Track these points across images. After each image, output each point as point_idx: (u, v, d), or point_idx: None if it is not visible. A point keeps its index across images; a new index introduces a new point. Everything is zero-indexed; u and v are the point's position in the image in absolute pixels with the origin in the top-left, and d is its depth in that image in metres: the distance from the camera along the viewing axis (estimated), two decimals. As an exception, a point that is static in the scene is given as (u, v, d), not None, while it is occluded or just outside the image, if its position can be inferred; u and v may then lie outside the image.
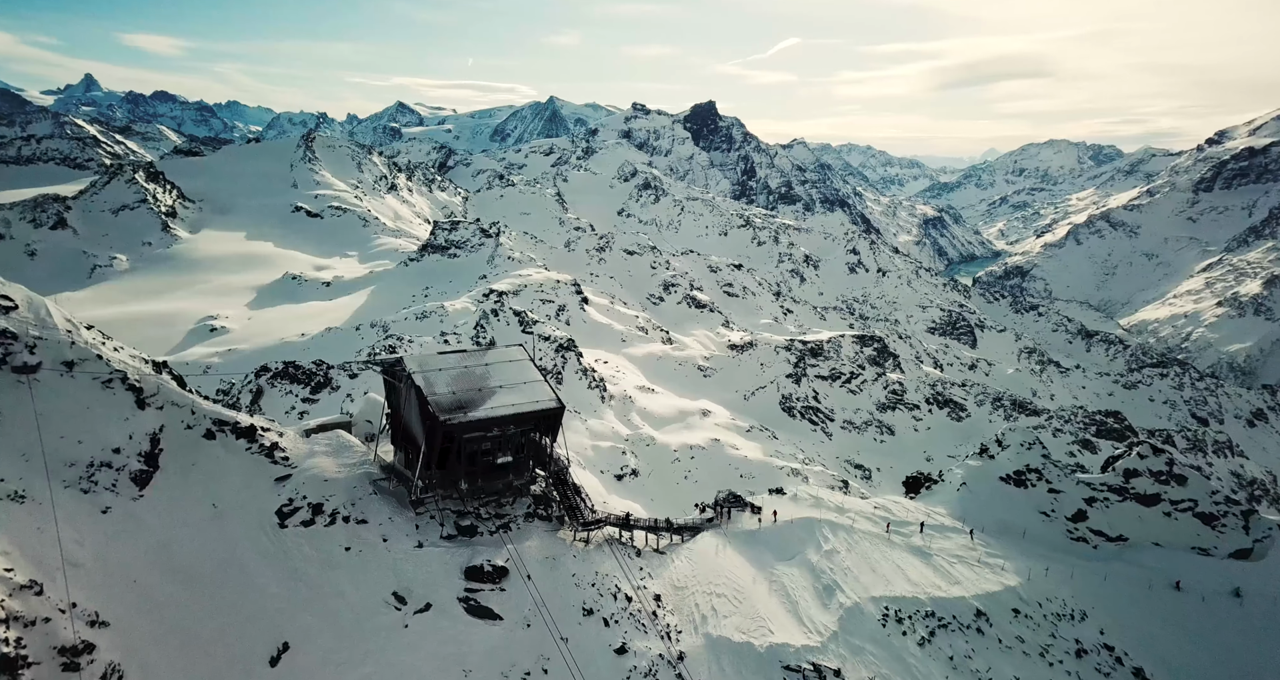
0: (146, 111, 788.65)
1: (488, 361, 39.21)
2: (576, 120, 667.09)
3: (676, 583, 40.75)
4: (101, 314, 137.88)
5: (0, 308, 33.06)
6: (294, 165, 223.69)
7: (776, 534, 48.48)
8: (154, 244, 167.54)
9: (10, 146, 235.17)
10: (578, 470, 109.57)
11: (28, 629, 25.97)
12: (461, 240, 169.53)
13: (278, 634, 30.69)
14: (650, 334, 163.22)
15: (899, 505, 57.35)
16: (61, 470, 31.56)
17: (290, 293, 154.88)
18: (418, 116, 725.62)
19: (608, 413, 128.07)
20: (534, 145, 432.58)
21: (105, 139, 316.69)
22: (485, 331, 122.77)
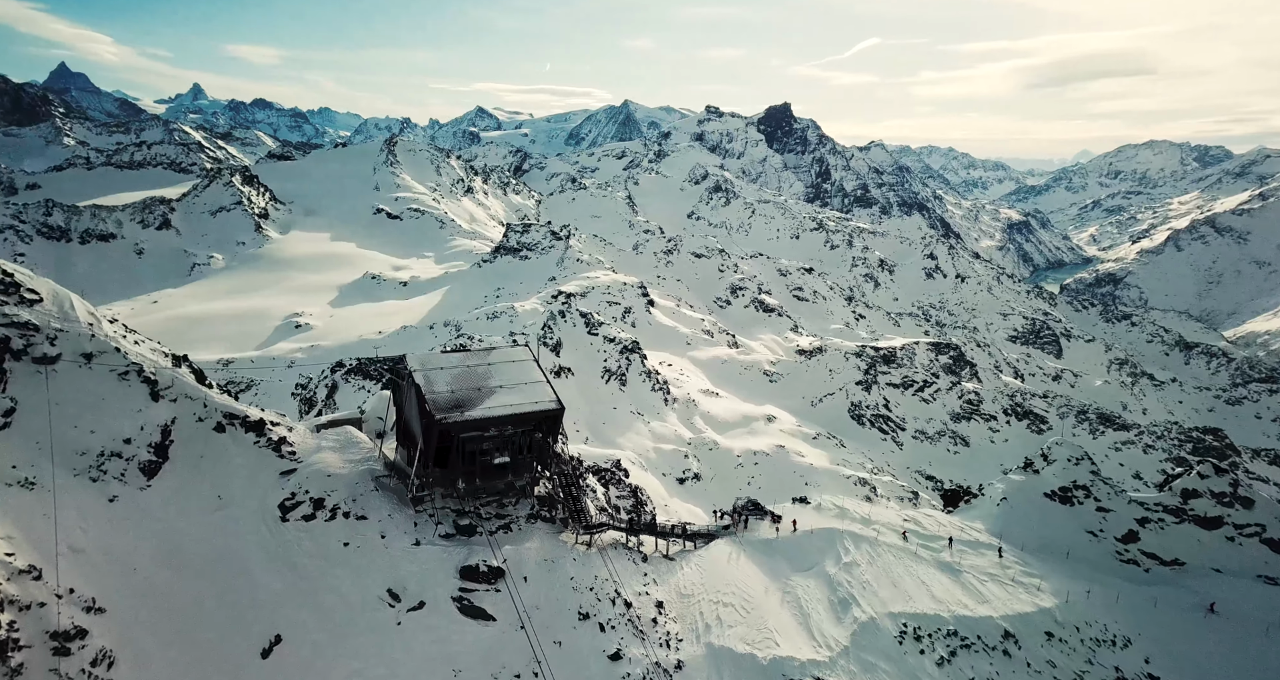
0: (246, 118, 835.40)
1: (490, 361, 39.10)
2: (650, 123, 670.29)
3: (682, 590, 39.89)
4: (199, 310, 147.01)
5: (25, 301, 34.26)
6: (376, 169, 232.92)
7: (795, 544, 47.13)
8: (247, 244, 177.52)
9: (124, 152, 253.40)
10: (639, 472, 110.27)
11: (23, 613, 26.40)
12: (532, 242, 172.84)
13: (271, 626, 30.82)
14: (716, 337, 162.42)
15: (931, 519, 54.86)
16: (73, 459, 32.20)
17: (369, 292, 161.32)
18: (496, 121, 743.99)
19: (671, 415, 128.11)
20: (606, 149, 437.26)
21: (208, 144, 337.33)
22: (552, 332, 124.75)
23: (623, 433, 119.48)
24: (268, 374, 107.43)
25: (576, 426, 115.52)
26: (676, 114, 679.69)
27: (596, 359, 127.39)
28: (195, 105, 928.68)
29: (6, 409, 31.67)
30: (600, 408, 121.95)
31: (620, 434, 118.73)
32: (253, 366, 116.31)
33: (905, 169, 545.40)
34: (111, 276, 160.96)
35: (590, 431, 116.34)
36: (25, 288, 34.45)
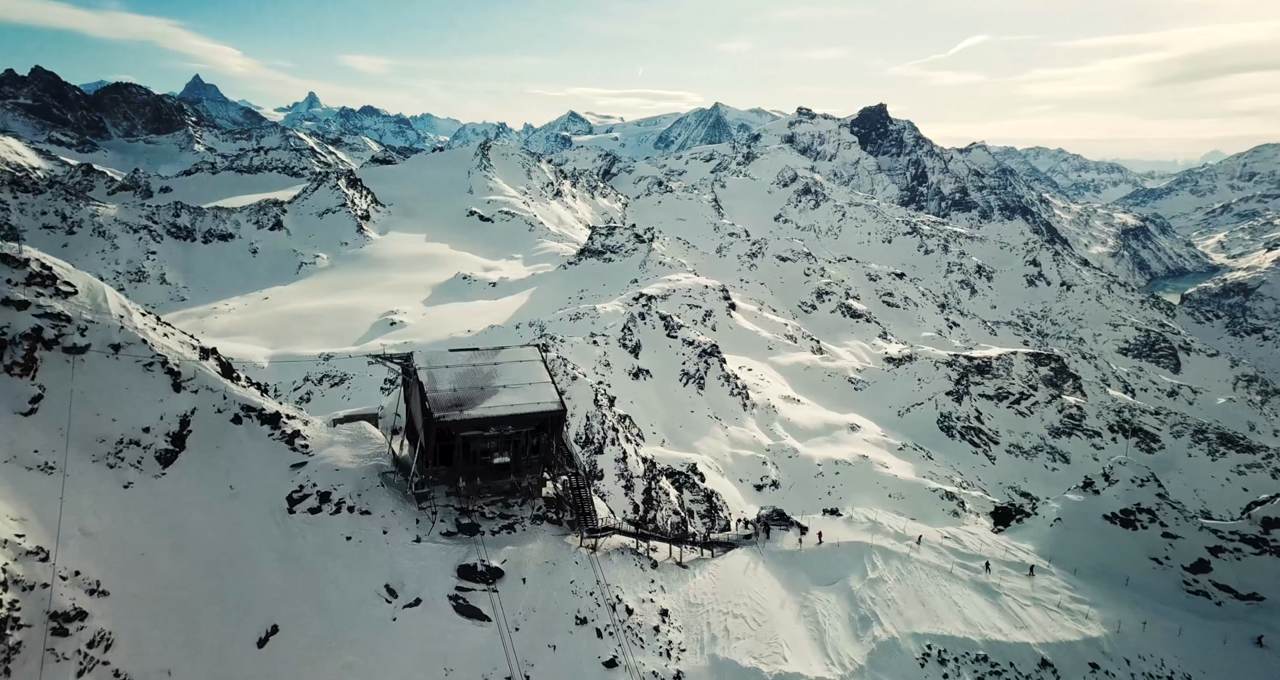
0: (355, 124, 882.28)
1: (497, 361, 38.76)
2: (740, 126, 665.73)
3: (691, 599, 38.80)
4: (304, 306, 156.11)
5: (61, 293, 35.14)
6: (471, 172, 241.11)
7: (819, 557, 45.27)
8: (349, 244, 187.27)
9: (245, 157, 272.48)
10: (715, 477, 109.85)
11: (25, 593, 26.94)
12: (616, 245, 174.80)
13: (269, 616, 31.07)
14: (799, 343, 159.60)
15: (975, 537, 51.38)
16: (93, 445, 32.96)
17: (461, 291, 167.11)
18: (588, 125, 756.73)
19: (749, 421, 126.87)
20: (695, 151, 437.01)
21: (320, 150, 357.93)
22: (631, 334, 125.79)
23: (699, 437, 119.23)
24: (361, 368, 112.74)
25: (653, 429, 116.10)
26: (767, 116, 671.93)
27: (675, 362, 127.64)
28: (310, 113, 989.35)
29: (34, 396, 32.59)
30: (677, 411, 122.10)
31: (697, 438, 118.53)
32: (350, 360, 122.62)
33: (1009, 171, 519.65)
34: (229, 274, 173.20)
35: (667, 434, 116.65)
36: (62, 280, 35.66)
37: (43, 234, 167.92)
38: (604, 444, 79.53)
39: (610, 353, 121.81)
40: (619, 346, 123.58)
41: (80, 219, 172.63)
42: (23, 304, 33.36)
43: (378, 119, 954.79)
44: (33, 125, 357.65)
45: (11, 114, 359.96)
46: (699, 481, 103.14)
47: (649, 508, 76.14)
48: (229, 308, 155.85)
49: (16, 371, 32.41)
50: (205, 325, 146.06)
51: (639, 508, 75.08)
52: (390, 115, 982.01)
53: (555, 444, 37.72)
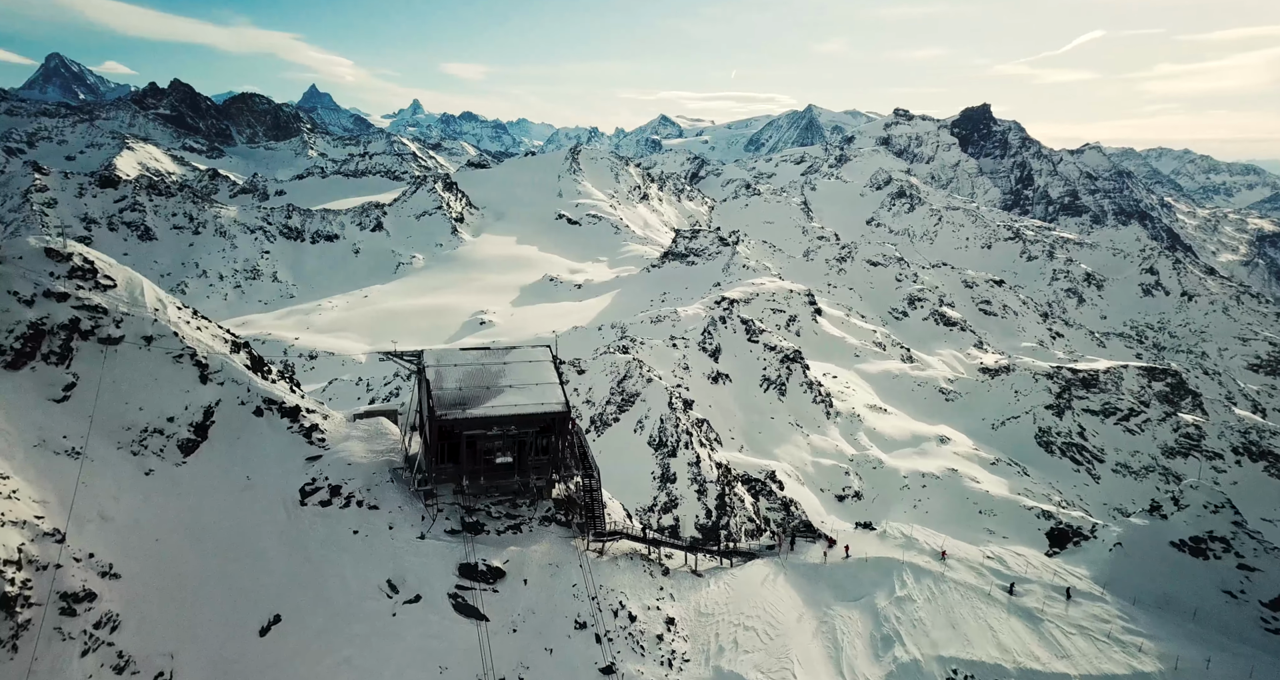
0: (455, 130, 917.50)
1: (506, 360, 38.46)
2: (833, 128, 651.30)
3: (702, 609, 37.70)
4: (400, 304, 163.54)
5: (100, 286, 36.49)
6: (560, 176, 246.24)
7: (844, 571, 43.15)
8: (444, 245, 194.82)
9: (351, 162, 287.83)
10: (795, 485, 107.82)
11: (39, 573, 27.69)
12: (700, 248, 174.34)
13: (273, 606, 31.44)
14: (888, 350, 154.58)
15: (1022, 559, 47.59)
16: (119, 433, 33.87)
17: (547, 293, 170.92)
18: (678, 129, 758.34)
19: (832, 429, 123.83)
20: (785, 154, 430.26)
21: (421, 154, 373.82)
22: (711, 338, 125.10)
23: (779, 444, 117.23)
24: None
25: (731, 434, 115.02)
26: (862, 118, 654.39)
27: (755, 367, 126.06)
28: (414, 119, 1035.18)
29: (68, 384, 33.83)
30: (757, 417, 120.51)
31: (776, 445, 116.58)
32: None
33: (1126, 174, 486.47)
34: (333, 272, 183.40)
35: (745, 440, 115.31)
36: (102, 274, 37.06)
37: (172, 234, 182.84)
38: (677, 447, 79.36)
39: (690, 356, 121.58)
40: (699, 350, 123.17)
41: (205, 220, 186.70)
42: (62, 296, 34.98)
43: (476, 124, 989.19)
44: (170, 133, 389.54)
45: (152, 123, 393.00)
46: (777, 489, 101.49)
47: (722, 514, 75.41)
48: (332, 305, 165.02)
49: (53, 360, 33.88)
50: (310, 321, 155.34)
51: (711, 513, 74.50)
52: (488, 121, 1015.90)
53: (562, 445, 37.22)
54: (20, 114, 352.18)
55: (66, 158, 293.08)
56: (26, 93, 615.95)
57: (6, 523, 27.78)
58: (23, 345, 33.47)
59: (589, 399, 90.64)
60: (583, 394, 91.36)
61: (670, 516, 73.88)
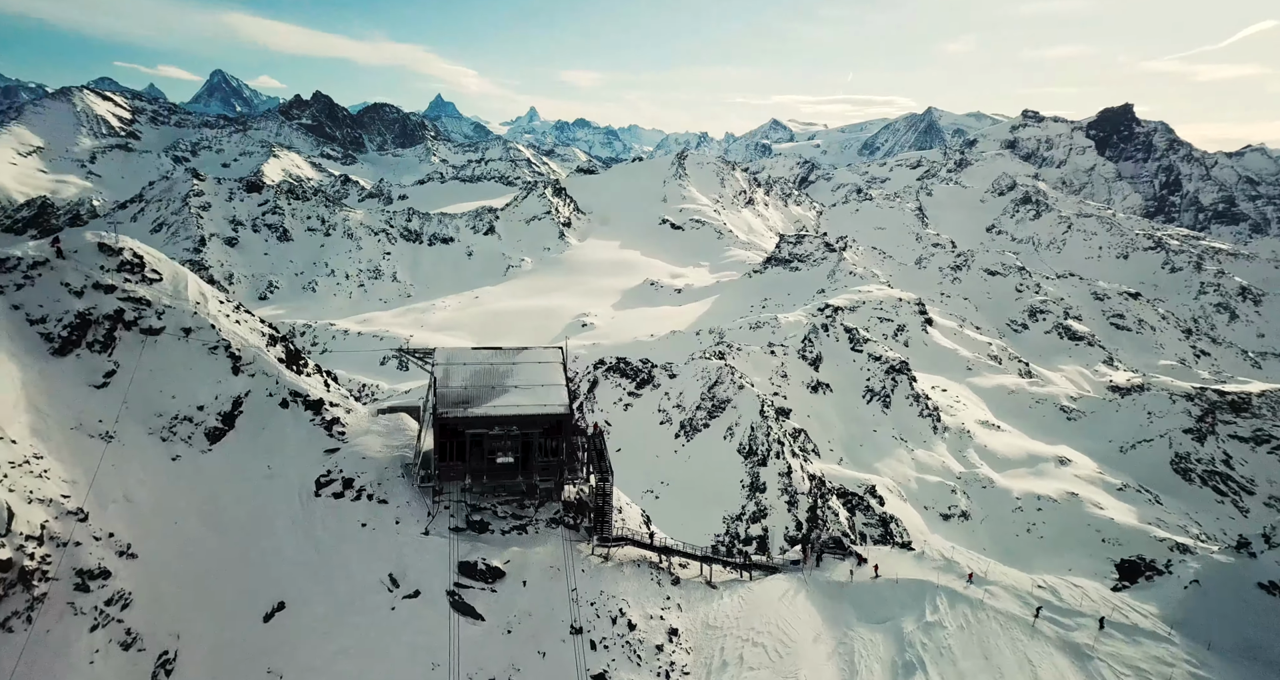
0: (568, 136, 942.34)
1: (516, 360, 38.22)
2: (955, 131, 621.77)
3: (711, 621, 36.24)
4: (507, 306, 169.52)
5: (147, 279, 38.16)
6: (666, 181, 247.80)
7: (871, 592, 40.47)
8: (551, 249, 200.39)
9: (468, 168, 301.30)
10: (896, 502, 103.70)
11: (59, 549, 28.90)
12: (804, 254, 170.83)
13: (279, 593, 32.02)
14: (1004, 364, 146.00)
15: (1078, 591, 42.80)
16: (150, 419, 35.18)
17: (648, 297, 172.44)
18: (789, 133, 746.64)
19: (939, 445, 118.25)
20: (900, 158, 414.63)
21: (535, 160, 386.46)
22: (812, 346, 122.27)
23: (881, 458, 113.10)
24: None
25: (830, 446, 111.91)
26: (987, 120, 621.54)
27: (858, 377, 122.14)
28: (530, 126, 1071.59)
29: (108, 371, 35.34)
30: (858, 429, 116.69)
31: (878, 459, 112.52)
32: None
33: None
34: (447, 274, 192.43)
35: (845, 452, 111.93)
36: (150, 268, 38.68)
37: (306, 235, 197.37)
38: (768, 456, 77.98)
39: (789, 364, 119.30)
40: (798, 358, 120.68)
41: (335, 223, 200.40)
42: (110, 288, 36.78)
43: (589, 131, 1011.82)
44: (310, 141, 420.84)
45: (296, 132, 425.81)
46: (876, 505, 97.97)
47: (813, 527, 73.51)
48: (445, 305, 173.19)
49: (96, 348, 35.56)
50: (424, 320, 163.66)
51: (802, 525, 72.76)
52: (600, 127, 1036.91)
53: (567, 447, 36.75)
54: (186, 126, 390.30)
55: (223, 165, 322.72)
56: (192, 106, 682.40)
57: (34, 500, 29.37)
58: (69, 333, 35.25)
59: (679, 403, 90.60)
60: (673, 398, 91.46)
61: (759, 527, 72.70)
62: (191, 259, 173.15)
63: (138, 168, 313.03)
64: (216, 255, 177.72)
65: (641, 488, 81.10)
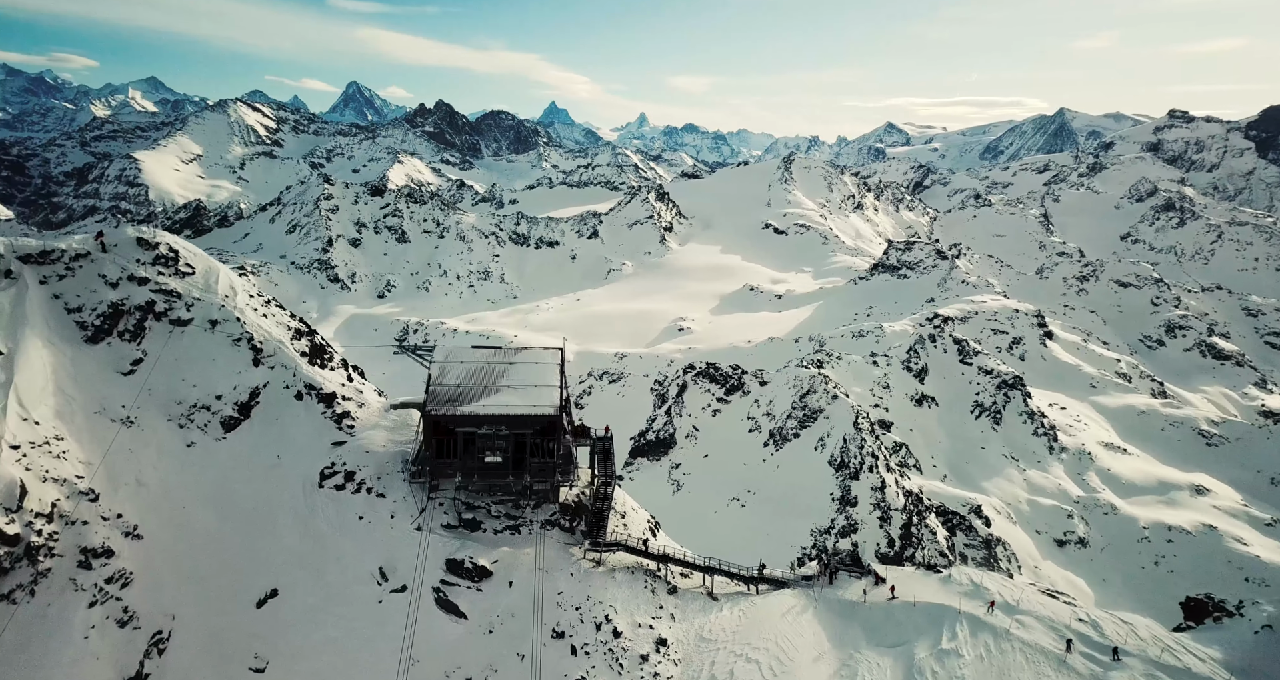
0: (676, 141, 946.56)
1: (513, 361, 38.09)
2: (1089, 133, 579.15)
3: (705, 634, 34.59)
4: (607, 309, 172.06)
5: (180, 273, 39.82)
6: (771, 186, 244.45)
7: (885, 613, 37.64)
8: (651, 253, 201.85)
9: (575, 173, 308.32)
10: (1004, 523, 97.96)
11: (68, 527, 29.99)
12: (914, 261, 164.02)
13: (274, 580, 32.56)
14: (1134, 383, 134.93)
15: (1126, 627, 37.70)
16: (170, 406, 36.44)
17: (746, 302, 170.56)
18: (904, 136, 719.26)
19: (1055, 466, 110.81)
20: (1025, 162, 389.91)
21: (642, 165, 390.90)
22: (918, 357, 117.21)
23: (989, 476, 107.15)
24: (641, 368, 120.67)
25: (934, 461, 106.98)
26: (1126, 121, 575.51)
27: (967, 391, 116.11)
28: (639, 132, 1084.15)
29: (135, 359, 36.94)
30: (964, 445, 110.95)
31: (986, 477, 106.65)
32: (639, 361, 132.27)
33: None
34: (551, 276, 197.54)
35: (949, 469, 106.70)
36: (184, 262, 40.41)
37: (423, 237, 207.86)
38: (861, 469, 75.22)
39: (891, 375, 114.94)
40: (902, 369, 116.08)
41: (449, 226, 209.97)
42: (143, 280, 38.57)
43: (697, 136, 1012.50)
44: (431, 147, 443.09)
45: (419, 139, 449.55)
46: (981, 525, 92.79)
47: (907, 544, 70.31)
48: (548, 306, 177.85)
49: (126, 337, 37.32)
50: (528, 320, 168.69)
51: (894, 542, 69.76)
52: (708, 132, 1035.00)
53: (559, 449, 36.32)
54: (323, 134, 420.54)
55: (353, 170, 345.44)
56: (329, 115, 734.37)
57: (48, 480, 30.64)
58: (102, 322, 37.02)
59: (769, 412, 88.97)
60: (763, 406, 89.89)
61: (848, 541, 70.25)
62: (319, 258, 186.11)
63: (280, 173, 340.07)
64: (341, 255, 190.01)
65: (727, 496, 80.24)
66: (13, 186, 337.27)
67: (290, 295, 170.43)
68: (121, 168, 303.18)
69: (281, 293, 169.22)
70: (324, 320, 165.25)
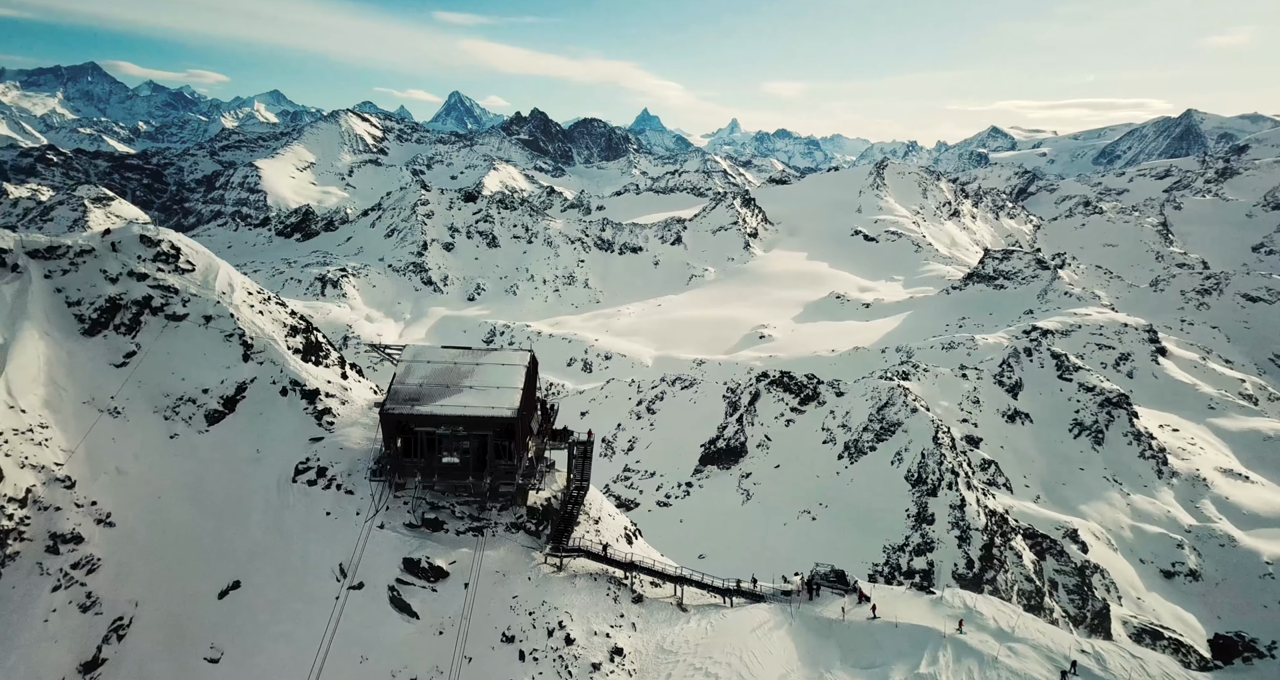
0: (767, 147, 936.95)
1: (480, 361, 37.16)
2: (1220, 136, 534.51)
3: (667, 645, 33.05)
4: (688, 314, 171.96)
5: (179, 269, 40.81)
6: (862, 192, 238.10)
7: (864, 633, 35.77)
8: (735, 260, 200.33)
9: (662, 180, 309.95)
10: (1103, 550, 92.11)
11: (40, 512, 30.61)
12: (1012, 271, 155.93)
13: (237, 572, 32.74)
14: (1261, 405, 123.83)
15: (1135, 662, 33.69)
16: (158, 398, 37.15)
17: (831, 311, 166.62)
18: (1010, 141, 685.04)
19: (1164, 492, 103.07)
20: (1143, 167, 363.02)
21: (731, 171, 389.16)
22: (1012, 371, 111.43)
23: (1088, 499, 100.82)
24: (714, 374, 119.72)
25: (1025, 481, 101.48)
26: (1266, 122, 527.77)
27: (1065, 408, 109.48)
28: (730, 138, 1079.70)
29: (129, 351, 37.94)
30: (1061, 465, 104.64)
31: (1084, 501, 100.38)
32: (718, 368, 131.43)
33: None
34: (634, 282, 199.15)
35: (1043, 490, 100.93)
36: (185, 259, 41.34)
37: (512, 242, 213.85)
38: (939, 486, 71.95)
39: (982, 389, 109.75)
40: (993, 383, 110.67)
41: (537, 231, 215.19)
42: (142, 276, 39.74)
43: (789, 141, 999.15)
44: (526, 155, 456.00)
45: (514, 147, 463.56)
46: (1076, 551, 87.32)
47: (988, 566, 66.77)
48: (629, 311, 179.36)
49: (122, 330, 38.45)
50: (609, 325, 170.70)
51: (974, 563, 66.35)
52: (801, 137, 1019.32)
53: (521, 452, 35.84)
54: (424, 142, 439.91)
55: (451, 177, 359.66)
56: (431, 124, 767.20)
57: (27, 465, 31.49)
58: (99, 316, 38.25)
59: (844, 423, 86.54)
60: (838, 417, 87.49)
61: (923, 560, 67.35)
62: (414, 261, 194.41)
63: (384, 179, 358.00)
64: (435, 259, 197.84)
65: (798, 508, 78.48)
66: (151, 193, 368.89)
67: (386, 297, 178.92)
68: (244, 175, 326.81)
69: (378, 294, 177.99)
70: (417, 321, 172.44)
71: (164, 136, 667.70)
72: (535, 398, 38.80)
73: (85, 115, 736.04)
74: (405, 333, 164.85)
